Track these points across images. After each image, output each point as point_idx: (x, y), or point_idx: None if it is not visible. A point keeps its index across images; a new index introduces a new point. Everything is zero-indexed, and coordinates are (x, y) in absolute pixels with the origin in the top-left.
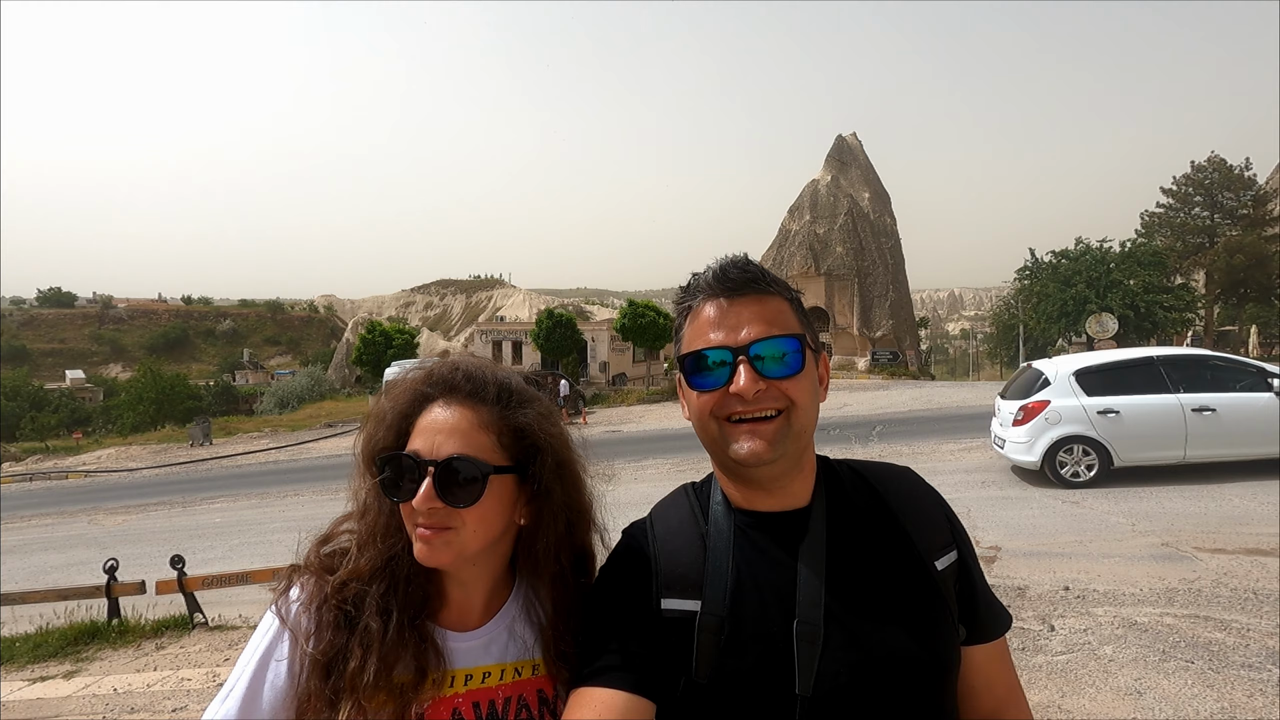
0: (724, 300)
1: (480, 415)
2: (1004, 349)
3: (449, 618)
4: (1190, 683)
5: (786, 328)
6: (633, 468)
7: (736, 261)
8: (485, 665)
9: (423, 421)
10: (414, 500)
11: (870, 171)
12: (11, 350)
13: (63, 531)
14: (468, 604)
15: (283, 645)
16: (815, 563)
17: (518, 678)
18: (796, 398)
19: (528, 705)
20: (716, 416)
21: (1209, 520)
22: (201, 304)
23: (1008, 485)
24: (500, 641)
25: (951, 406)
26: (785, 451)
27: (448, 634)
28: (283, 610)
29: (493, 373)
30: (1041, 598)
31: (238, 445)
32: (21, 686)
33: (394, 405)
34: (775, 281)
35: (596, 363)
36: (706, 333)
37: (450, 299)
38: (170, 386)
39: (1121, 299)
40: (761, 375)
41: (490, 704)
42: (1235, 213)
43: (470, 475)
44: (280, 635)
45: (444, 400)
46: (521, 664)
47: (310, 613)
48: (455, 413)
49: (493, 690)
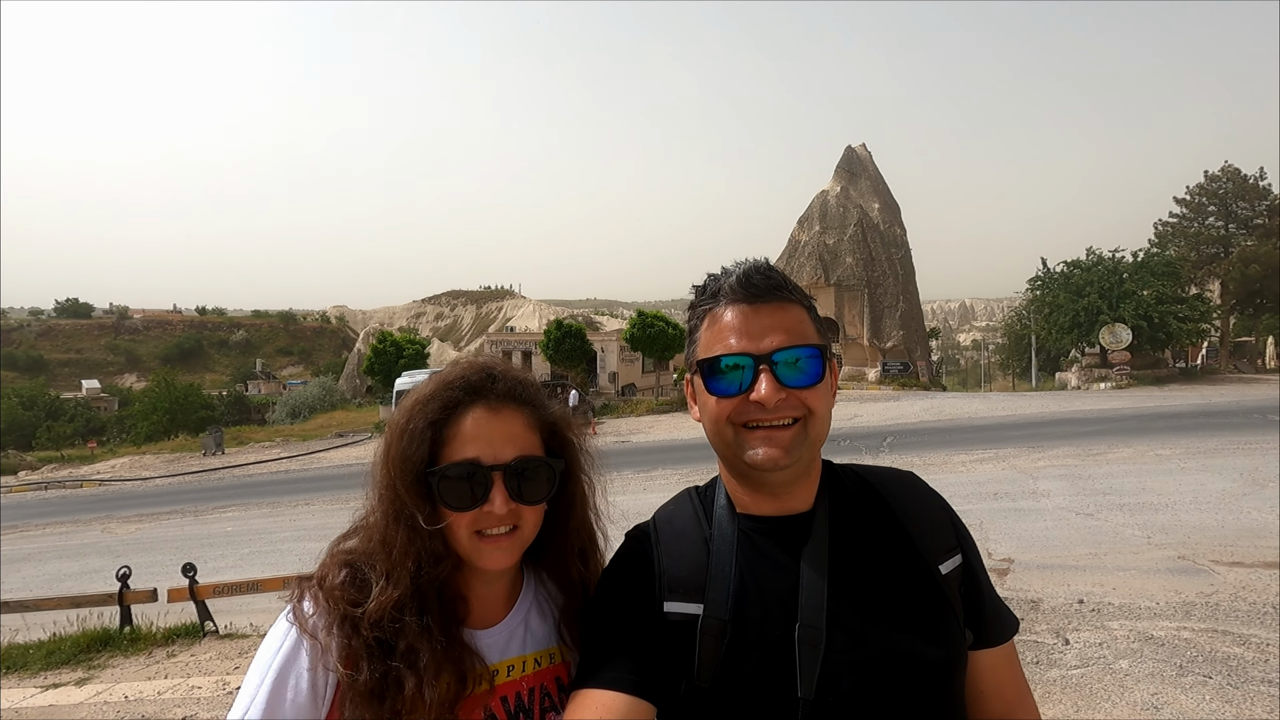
0: (746, 306)
1: (525, 415)
2: (1016, 360)
3: (473, 617)
4: (1208, 698)
5: (807, 338)
6: (641, 478)
7: (759, 267)
8: (509, 659)
9: (466, 428)
10: (492, 506)
11: (880, 182)
12: (29, 360)
13: (77, 539)
14: (492, 600)
15: (302, 656)
16: (818, 567)
17: (538, 668)
18: (815, 407)
19: (549, 693)
20: (733, 423)
21: (1226, 533)
22: (215, 314)
23: (1020, 497)
24: (520, 634)
25: (963, 418)
26: (799, 458)
27: (475, 633)
28: (303, 623)
29: (520, 373)
30: (1055, 611)
31: (250, 455)
32: (34, 693)
33: (424, 415)
34: (796, 289)
35: (606, 373)
36: (727, 338)
37: (461, 309)
38: (184, 396)
39: (1135, 310)
40: (782, 384)
41: (518, 696)
42: (1250, 222)
43: (536, 473)
44: (298, 646)
45: (484, 404)
46: (540, 654)
47: (334, 635)
48: (503, 415)
49: (518, 683)
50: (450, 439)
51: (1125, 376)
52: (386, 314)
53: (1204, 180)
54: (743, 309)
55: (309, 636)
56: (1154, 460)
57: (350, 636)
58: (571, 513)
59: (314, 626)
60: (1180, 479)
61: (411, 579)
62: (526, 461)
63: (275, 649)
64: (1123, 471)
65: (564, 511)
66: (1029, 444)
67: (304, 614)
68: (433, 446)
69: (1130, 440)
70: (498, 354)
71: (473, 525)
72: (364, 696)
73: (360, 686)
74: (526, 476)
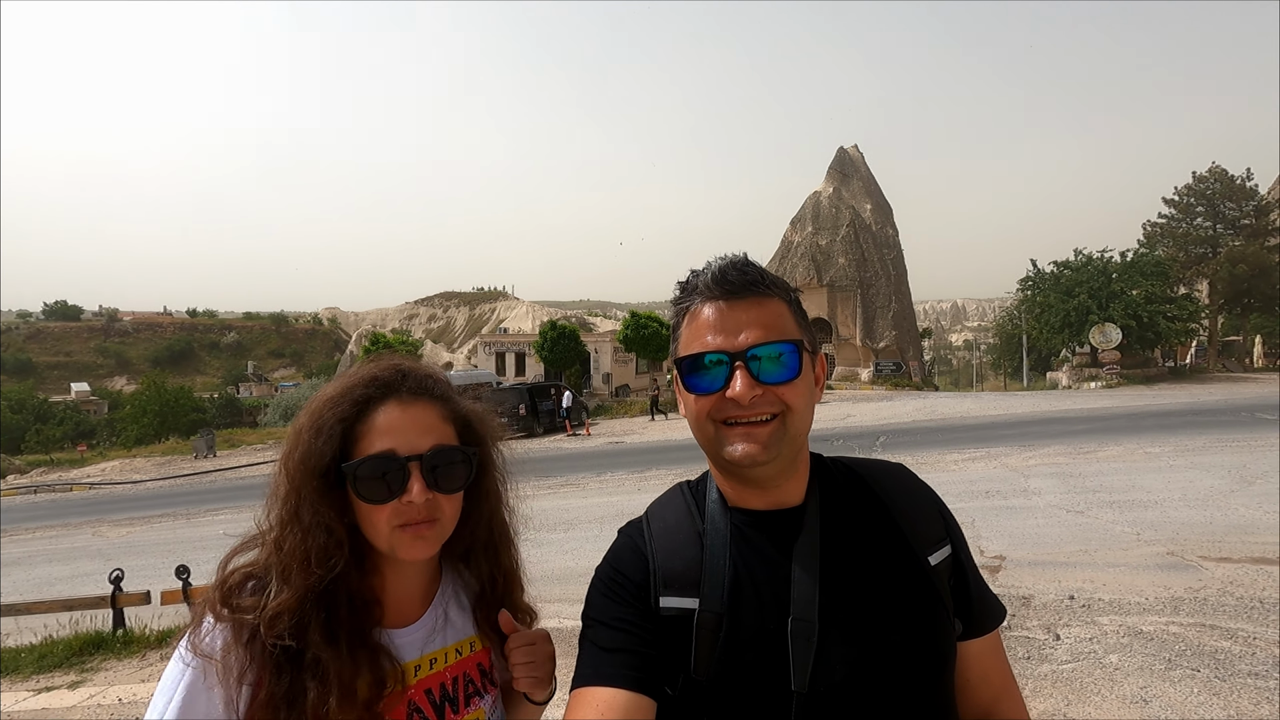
0: (723, 303)
1: (438, 408)
2: (1008, 360)
3: (390, 616)
4: (1196, 691)
5: (784, 333)
6: (635, 479)
7: (736, 263)
8: (430, 653)
9: (379, 422)
10: (410, 496)
11: (872, 183)
12: (17, 363)
13: (67, 543)
14: (408, 597)
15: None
16: (809, 560)
17: (459, 657)
18: (792, 402)
19: (472, 679)
20: (713, 419)
21: (1215, 529)
22: (206, 317)
23: (1012, 495)
24: (439, 627)
25: (955, 417)
26: (779, 454)
27: (392, 633)
28: (197, 647)
29: (430, 369)
30: (1046, 607)
31: (242, 457)
32: (27, 696)
33: (334, 413)
34: (775, 283)
35: (599, 374)
36: (704, 335)
37: (454, 311)
38: (174, 399)
39: (1124, 309)
40: (758, 380)
41: (441, 687)
42: (1237, 223)
43: (452, 463)
44: (197, 673)
45: (396, 399)
46: (461, 644)
47: (237, 652)
48: (415, 409)
49: (442, 674)
50: (363, 435)
51: (1115, 376)
52: (379, 316)
53: (1192, 181)
54: (719, 305)
55: (206, 659)
56: (1143, 458)
57: (256, 648)
58: (486, 504)
59: (210, 647)
60: (1169, 476)
61: (306, 580)
62: (442, 451)
63: (174, 683)
64: (1113, 469)
65: (479, 503)
66: (1020, 443)
67: (200, 637)
68: (344, 443)
69: (1120, 439)
70: (491, 355)
71: (393, 518)
72: (272, 708)
73: (265, 699)
74: (443, 466)
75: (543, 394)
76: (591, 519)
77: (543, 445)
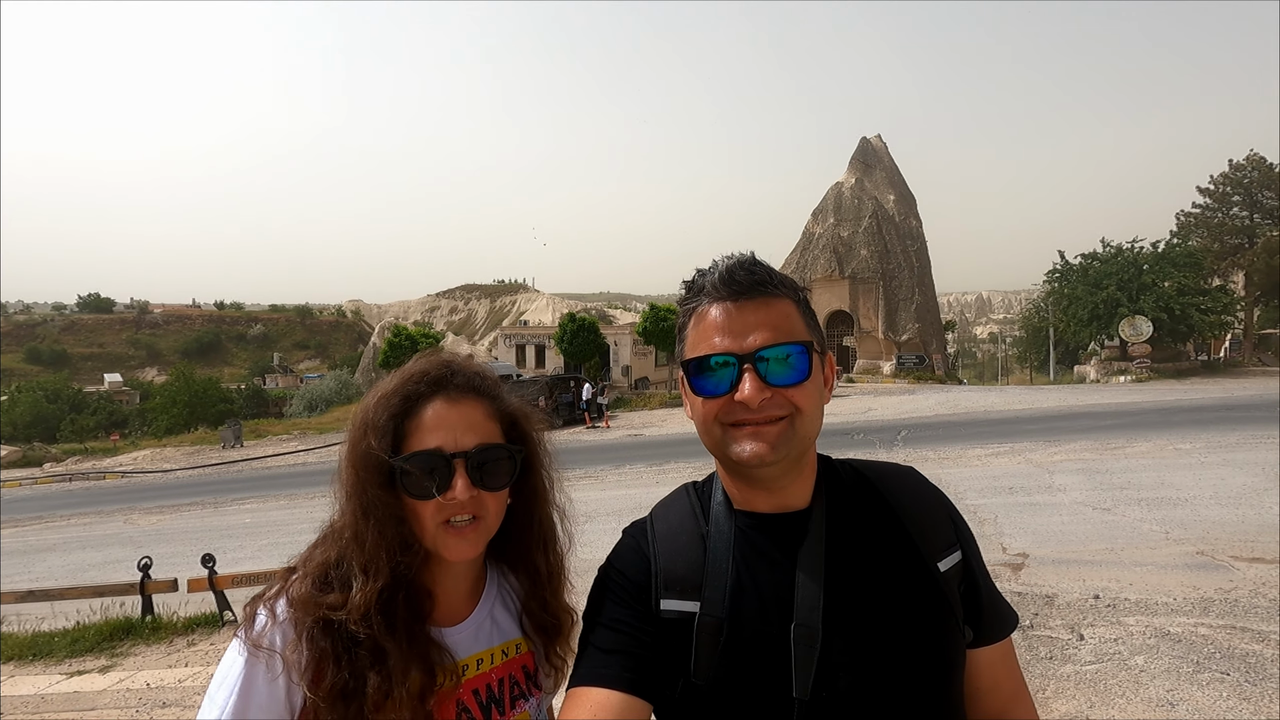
0: (730, 304)
1: (484, 406)
2: (1034, 353)
3: (440, 614)
4: (1225, 695)
5: (793, 334)
6: (654, 471)
7: (743, 263)
8: (478, 653)
9: (426, 419)
10: (454, 493)
11: (895, 173)
12: (53, 354)
13: (100, 530)
14: (457, 595)
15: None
16: (814, 565)
17: (505, 659)
18: (802, 404)
19: (518, 682)
20: (721, 422)
21: (1246, 528)
22: (233, 309)
23: (1035, 491)
24: (486, 627)
25: (979, 411)
26: (787, 454)
27: (443, 631)
28: (258, 641)
29: (479, 366)
30: (1071, 606)
31: (268, 447)
32: (59, 679)
33: (386, 410)
34: (783, 283)
35: (619, 366)
36: (711, 337)
37: (475, 303)
38: (203, 390)
39: (1155, 302)
40: (767, 382)
41: (488, 688)
42: (1276, 212)
43: (497, 460)
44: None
45: (444, 396)
46: (507, 645)
47: (300, 645)
48: (463, 406)
49: (488, 675)
50: (412, 431)
51: (1145, 370)
52: (401, 308)
53: (1228, 169)
54: (726, 306)
55: (266, 652)
56: (1174, 454)
57: (320, 642)
58: (533, 504)
59: (271, 640)
60: (1200, 473)
61: (392, 570)
62: (488, 449)
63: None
64: (1141, 466)
65: (524, 503)
66: (1046, 438)
67: (259, 631)
68: (395, 439)
69: (1149, 434)
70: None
71: (438, 515)
72: (333, 699)
73: (325, 691)
74: (488, 463)
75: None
76: (609, 511)
77: (562, 438)
